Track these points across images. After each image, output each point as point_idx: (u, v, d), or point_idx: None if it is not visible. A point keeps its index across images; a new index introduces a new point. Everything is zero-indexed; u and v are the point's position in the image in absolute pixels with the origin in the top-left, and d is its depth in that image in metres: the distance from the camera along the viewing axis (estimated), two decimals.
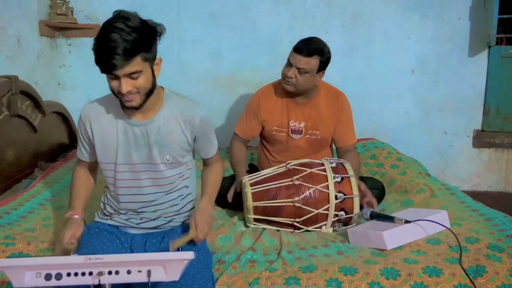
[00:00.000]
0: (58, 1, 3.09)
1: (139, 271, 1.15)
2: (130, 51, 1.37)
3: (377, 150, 2.95)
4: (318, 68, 2.22)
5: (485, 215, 2.06)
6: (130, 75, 1.41)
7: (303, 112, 2.35)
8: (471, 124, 3.36)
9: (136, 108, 1.51)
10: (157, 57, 1.50)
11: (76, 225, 1.54)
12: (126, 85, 1.42)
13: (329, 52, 2.26)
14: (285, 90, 2.32)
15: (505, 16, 3.21)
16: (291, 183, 2.01)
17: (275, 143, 2.41)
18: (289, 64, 2.24)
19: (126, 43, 1.36)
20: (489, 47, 3.24)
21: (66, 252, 1.49)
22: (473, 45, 3.25)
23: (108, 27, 1.39)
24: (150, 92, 1.49)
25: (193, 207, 1.73)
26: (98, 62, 1.40)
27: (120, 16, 1.40)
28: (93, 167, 1.74)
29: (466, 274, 1.58)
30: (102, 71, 1.42)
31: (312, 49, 2.20)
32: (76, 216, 1.58)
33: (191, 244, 1.57)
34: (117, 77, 1.41)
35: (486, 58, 3.27)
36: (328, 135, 2.38)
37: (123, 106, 1.53)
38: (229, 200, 2.20)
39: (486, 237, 1.81)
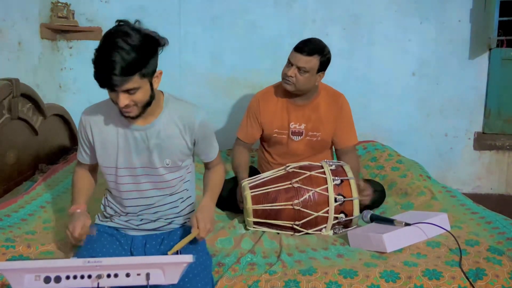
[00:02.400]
0: (59, 4, 3.10)
1: (138, 274, 1.15)
2: (127, 71, 1.37)
3: (378, 153, 2.94)
4: (318, 68, 2.23)
5: (485, 217, 2.05)
6: (127, 91, 1.42)
7: (303, 114, 2.36)
8: (472, 126, 3.36)
9: (133, 118, 1.51)
10: (157, 68, 1.49)
11: (84, 216, 1.55)
12: (123, 100, 1.43)
13: (329, 52, 2.27)
14: (285, 91, 2.33)
15: (506, 19, 3.21)
16: (290, 186, 2.01)
17: (276, 145, 2.41)
18: (289, 64, 2.25)
19: (124, 62, 1.36)
20: (490, 49, 3.24)
21: (78, 243, 1.52)
22: (474, 47, 3.25)
23: (108, 43, 1.38)
24: (148, 104, 1.50)
25: (193, 210, 1.73)
26: (97, 78, 1.41)
27: (122, 32, 1.39)
28: (94, 168, 1.75)
29: (466, 277, 1.58)
30: (101, 86, 1.42)
31: (313, 48, 2.21)
32: (79, 210, 1.59)
33: (191, 247, 1.57)
34: (116, 91, 1.42)
35: (487, 60, 3.27)
36: (328, 137, 2.39)
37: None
38: (241, 207, 2.19)
39: (486, 240, 1.81)
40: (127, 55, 1.36)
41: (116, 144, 1.58)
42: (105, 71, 1.37)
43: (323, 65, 2.25)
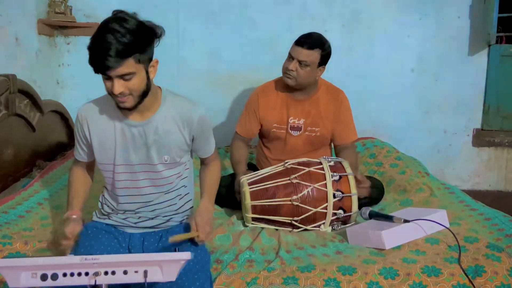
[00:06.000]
0: (57, 0, 3.08)
1: (136, 272, 1.14)
2: (122, 52, 1.37)
3: (377, 149, 2.94)
4: (319, 62, 2.23)
5: (484, 214, 2.05)
6: (122, 76, 1.41)
7: (303, 109, 2.35)
8: (470, 123, 3.35)
9: (129, 109, 1.50)
10: (153, 58, 1.49)
11: (74, 224, 1.54)
12: (118, 86, 1.41)
13: (329, 47, 2.27)
14: (285, 86, 2.33)
15: (505, 15, 3.20)
16: (289, 181, 2.00)
17: (274, 141, 2.41)
18: (290, 58, 2.25)
19: (119, 44, 1.36)
20: (489, 45, 3.23)
21: (62, 252, 1.49)
22: (473, 44, 3.24)
23: (104, 27, 1.39)
24: (144, 94, 1.49)
25: (192, 207, 1.73)
26: (91, 62, 1.40)
27: (118, 17, 1.40)
28: (90, 166, 1.74)
29: (465, 274, 1.58)
30: (95, 71, 1.42)
31: (314, 42, 2.22)
32: (74, 216, 1.58)
33: (189, 244, 1.56)
34: (110, 78, 1.41)
35: (486, 57, 3.26)
36: (327, 133, 2.38)
37: (117, 104, 1.52)
38: (238, 199, 2.19)
39: (485, 237, 1.81)
40: (123, 37, 1.36)
41: (113, 141, 1.57)
42: (100, 53, 1.36)
43: (324, 59, 2.25)
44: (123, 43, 1.36)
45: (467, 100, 3.32)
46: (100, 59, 1.37)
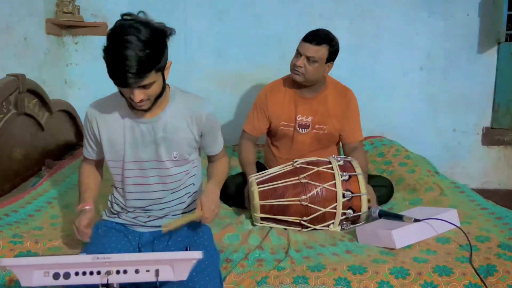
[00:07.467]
0: (65, 0, 3.09)
1: (147, 271, 1.14)
2: (144, 69, 1.37)
3: (385, 148, 2.93)
4: (327, 58, 2.23)
5: (495, 213, 2.03)
6: (143, 86, 1.42)
7: (311, 107, 2.34)
8: (480, 121, 3.33)
9: (146, 111, 1.52)
10: (167, 61, 1.49)
11: (91, 213, 1.55)
12: (138, 95, 1.43)
13: (337, 43, 2.27)
14: (293, 83, 2.32)
15: None
16: (298, 181, 2.00)
17: (282, 139, 2.40)
18: (298, 54, 2.25)
19: (140, 61, 1.35)
20: (499, 43, 3.20)
21: (84, 239, 1.52)
22: (482, 41, 3.22)
23: (119, 40, 1.36)
24: (160, 96, 1.50)
25: None
26: (112, 77, 1.40)
27: (131, 27, 1.38)
28: (99, 164, 1.75)
29: (477, 274, 1.56)
30: (115, 84, 1.42)
31: (322, 38, 2.21)
32: (88, 207, 1.58)
33: (198, 242, 1.56)
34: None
35: (495, 54, 3.24)
36: (335, 131, 2.37)
37: (130, 104, 1.53)
38: (247, 206, 2.19)
39: (497, 236, 1.79)
40: (141, 53, 1.35)
41: (123, 138, 1.57)
42: (121, 71, 1.36)
43: (332, 55, 2.25)
44: (143, 58, 1.35)
45: (476, 99, 3.30)
46: (121, 76, 1.37)
